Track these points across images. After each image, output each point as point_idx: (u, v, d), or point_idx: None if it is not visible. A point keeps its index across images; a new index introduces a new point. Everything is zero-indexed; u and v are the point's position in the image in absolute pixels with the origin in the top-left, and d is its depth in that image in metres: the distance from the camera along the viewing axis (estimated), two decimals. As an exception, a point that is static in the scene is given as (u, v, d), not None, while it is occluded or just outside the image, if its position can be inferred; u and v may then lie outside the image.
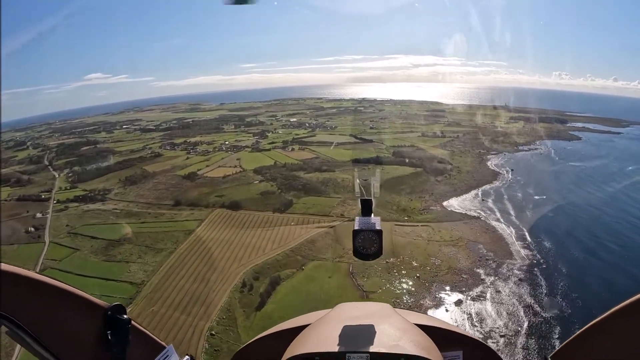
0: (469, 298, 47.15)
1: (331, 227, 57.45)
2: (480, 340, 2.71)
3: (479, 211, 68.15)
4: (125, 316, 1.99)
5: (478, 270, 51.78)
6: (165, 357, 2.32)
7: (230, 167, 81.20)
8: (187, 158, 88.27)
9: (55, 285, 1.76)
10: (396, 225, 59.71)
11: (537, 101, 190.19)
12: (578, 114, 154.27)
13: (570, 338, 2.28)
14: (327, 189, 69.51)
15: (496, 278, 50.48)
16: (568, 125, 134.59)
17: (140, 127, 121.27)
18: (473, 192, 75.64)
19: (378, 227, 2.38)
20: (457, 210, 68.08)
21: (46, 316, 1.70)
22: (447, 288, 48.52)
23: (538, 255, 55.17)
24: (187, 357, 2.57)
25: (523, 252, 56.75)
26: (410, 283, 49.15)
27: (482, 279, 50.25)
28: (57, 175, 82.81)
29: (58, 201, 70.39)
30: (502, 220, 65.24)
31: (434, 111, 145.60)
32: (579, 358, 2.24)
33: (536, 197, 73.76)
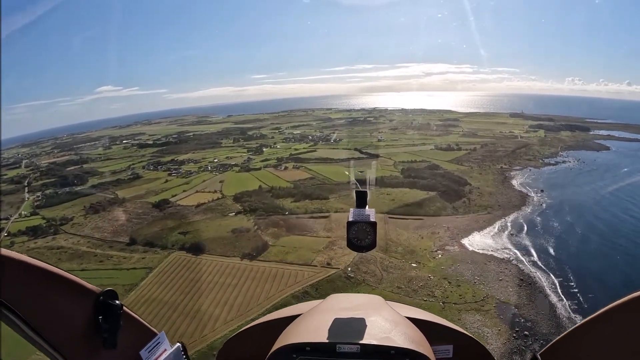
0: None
1: (311, 285, 39.12)
2: (470, 335, 2.43)
3: (509, 252, 48.95)
4: (117, 302, 1.84)
5: (514, 358, 32.87)
6: (157, 344, 2.16)
7: (209, 192, 64.06)
8: (167, 181, 72.05)
9: (47, 269, 1.64)
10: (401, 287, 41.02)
11: (554, 108, 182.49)
12: (600, 121, 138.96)
13: (560, 336, 2.11)
14: (315, 225, 51.16)
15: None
16: (592, 133, 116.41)
17: (139, 143, 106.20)
18: (499, 223, 56.13)
19: (372, 219, 2.18)
20: (480, 251, 48.94)
21: (38, 300, 1.60)
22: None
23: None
24: (178, 344, 2.36)
25: (573, 318, 37.49)
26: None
27: (521, 374, 31.56)
28: (26, 199, 68.28)
29: (9, 233, 55.56)
30: (539, 265, 46.02)
31: (448, 120, 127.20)
32: (567, 355, 2.08)
33: (578, 230, 53.97)
